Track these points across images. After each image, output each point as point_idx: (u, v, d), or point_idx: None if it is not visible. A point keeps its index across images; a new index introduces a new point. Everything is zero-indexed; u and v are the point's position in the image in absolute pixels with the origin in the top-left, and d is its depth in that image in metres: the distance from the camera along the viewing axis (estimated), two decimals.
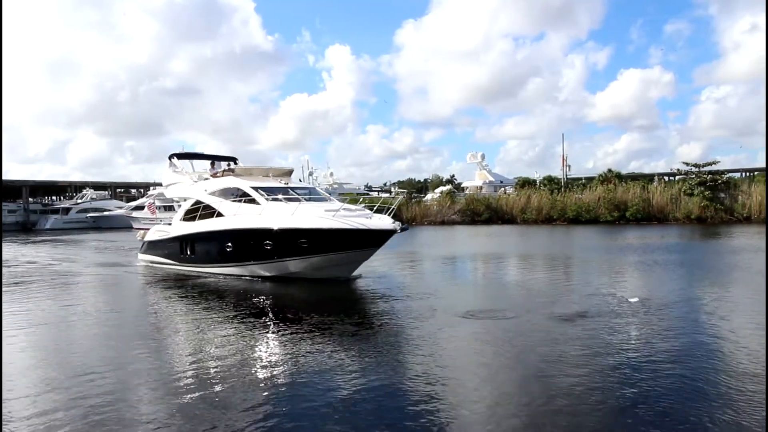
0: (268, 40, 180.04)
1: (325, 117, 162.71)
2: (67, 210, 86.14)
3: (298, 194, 20.81)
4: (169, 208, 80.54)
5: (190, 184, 23.62)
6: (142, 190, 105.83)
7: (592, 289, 16.42)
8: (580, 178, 70.39)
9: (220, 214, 20.80)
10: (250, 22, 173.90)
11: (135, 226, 78.05)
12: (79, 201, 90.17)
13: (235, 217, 19.82)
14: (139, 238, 26.86)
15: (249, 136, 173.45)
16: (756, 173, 64.39)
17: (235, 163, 25.78)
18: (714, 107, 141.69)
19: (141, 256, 25.99)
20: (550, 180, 69.16)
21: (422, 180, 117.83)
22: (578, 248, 32.66)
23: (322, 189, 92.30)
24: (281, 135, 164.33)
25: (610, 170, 66.45)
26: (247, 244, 19.27)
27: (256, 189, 20.34)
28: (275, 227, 18.18)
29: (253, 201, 19.86)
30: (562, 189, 65.90)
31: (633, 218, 57.32)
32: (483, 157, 75.86)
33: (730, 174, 61.95)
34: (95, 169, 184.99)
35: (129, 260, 28.65)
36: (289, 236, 18.03)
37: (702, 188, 56.60)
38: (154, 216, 35.53)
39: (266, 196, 19.92)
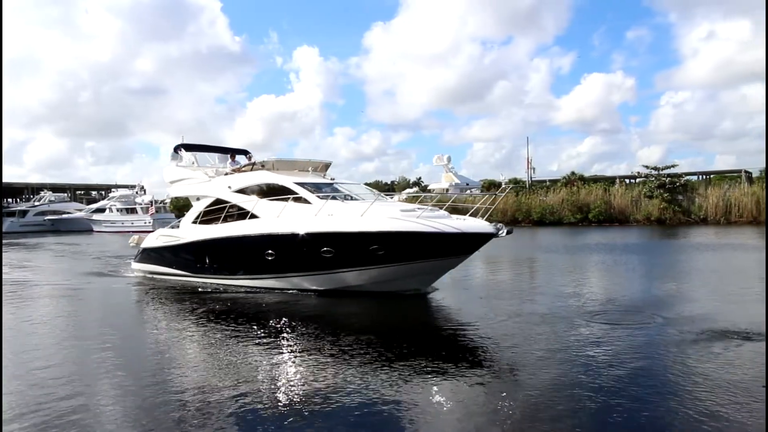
0: (235, 40, 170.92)
1: (292, 119, 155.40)
2: (24, 213, 78.20)
3: (350, 191, 16.10)
4: (132, 210, 73.50)
5: (204, 181, 18.28)
6: (103, 192, 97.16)
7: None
8: (545, 181, 67.63)
9: (253, 216, 15.72)
10: (217, 22, 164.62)
11: (96, 229, 70.75)
12: (36, 203, 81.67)
13: (279, 219, 14.82)
14: (132, 244, 21.22)
15: (215, 137, 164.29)
16: (712, 176, 63.12)
17: (248, 157, 20.62)
18: (673, 112, 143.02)
19: (136, 266, 20.40)
20: (515, 182, 66.11)
21: (389, 182, 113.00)
22: (569, 249, 28.91)
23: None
24: (248, 136, 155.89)
25: (573, 173, 64.10)
26: (297, 251, 14.42)
27: (302, 185, 15.36)
28: (345, 230, 13.49)
29: (300, 200, 14.86)
30: (527, 191, 62.88)
31: (595, 220, 55.66)
32: (449, 159, 72.16)
33: (688, 177, 60.30)
34: (54, 170, 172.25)
35: (114, 269, 22.89)
36: (361, 242, 13.39)
37: (661, 191, 54.95)
38: (152, 217, 29.05)
39: (318, 195, 15.00)
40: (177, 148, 19.70)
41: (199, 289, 16.54)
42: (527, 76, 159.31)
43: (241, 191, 16.58)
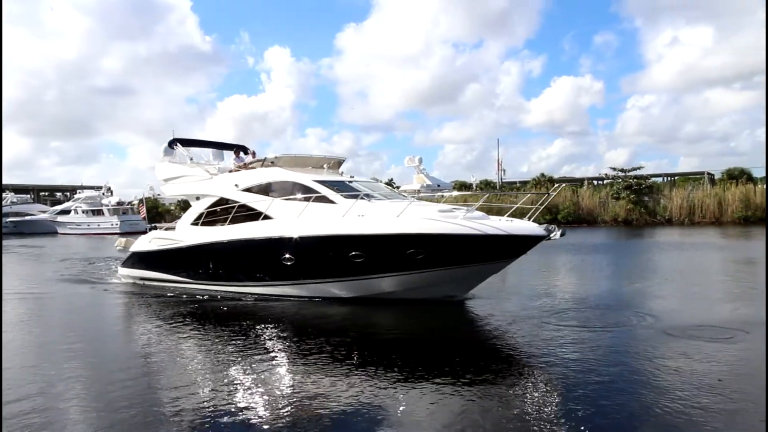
0: (205, 40, 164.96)
1: (264, 119, 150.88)
2: None
3: (373, 190, 14.42)
4: (98, 212, 69.58)
5: (205, 178, 16.21)
6: (68, 194, 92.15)
7: None
8: (515, 182, 66.86)
9: (267, 217, 13.77)
10: (187, 21, 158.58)
11: (60, 231, 66.76)
12: None
13: (299, 221, 12.93)
14: (119, 247, 18.90)
15: (185, 138, 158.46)
16: (676, 178, 63.52)
17: (246, 153, 18.62)
18: (639, 115, 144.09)
19: (124, 271, 18.13)
20: (486, 184, 65.15)
21: None
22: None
23: None
24: (219, 137, 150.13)
25: (543, 174, 63.44)
26: (322, 256, 12.62)
27: (323, 184, 13.56)
28: (381, 232, 11.79)
29: (323, 199, 13.04)
30: (498, 192, 62.03)
31: (564, 221, 54.85)
32: (420, 160, 70.41)
33: (653, 178, 60.47)
34: (18, 170, 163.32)
35: (98, 274, 20.50)
36: (399, 245, 11.72)
37: (628, 192, 54.86)
38: (143, 217, 26.45)
39: (341, 194, 13.25)
40: (171, 144, 17.52)
41: (203, 297, 14.54)
42: (498, 78, 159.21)
43: (250, 190, 14.64)
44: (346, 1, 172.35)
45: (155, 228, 18.34)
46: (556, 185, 16.75)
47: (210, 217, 15.48)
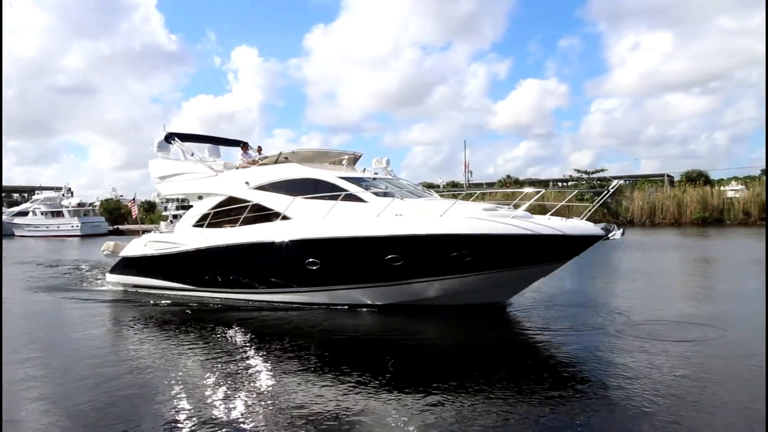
0: (171, 39, 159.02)
1: (231, 120, 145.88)
2: None
3: (400, 188, 13.20)
4: (57, 214, 65.59)
5: (208, 176, 14.52)
6: (26, 195, 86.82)
7: None
8: (482, 184, 66.39)
9: (285, 218, 12.24)
10: (152, 19, 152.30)
11: (17, 233, 62.62)
12: None
13: (325, 221, 11.48)
14: (106, 251, 16.92)
15: (150, 138, 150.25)
16: (638, 179, 64.29)
17: (245, 149, 17.03)
18: (603, 118, 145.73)
19: (114, 278, 16.22)
20: (453, 185, 64.46)
21: None
22: None
23: None
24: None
25: (509, 176, 63.24)
26: (354, 259, 11.29)
27: (350, 181, 12.20)
28: (425, 233, 10.50)
29: (352, 198, 11.65)
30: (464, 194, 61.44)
31: None
32: (388, 162, 68.70)
33: (616, 180, 60.90)
34: None
35: (79, 280, 18.41)
36: (444, 247, 10.49)
37: (591, 193, 55.16)
38: (135, 217, 24.28)
39: (371, 192, 11.91)
40: (168, 138, 15.69)
41: (211, 306, 12.97)
42: (465, 81, 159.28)
43: (264, 188, 13.07)
44: (314, 2, 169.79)
45: (145, 232, 16.51)
46: (616, 182, 15.77)
47: (215, 219, 13.84)
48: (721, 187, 53.57)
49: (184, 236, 14.27)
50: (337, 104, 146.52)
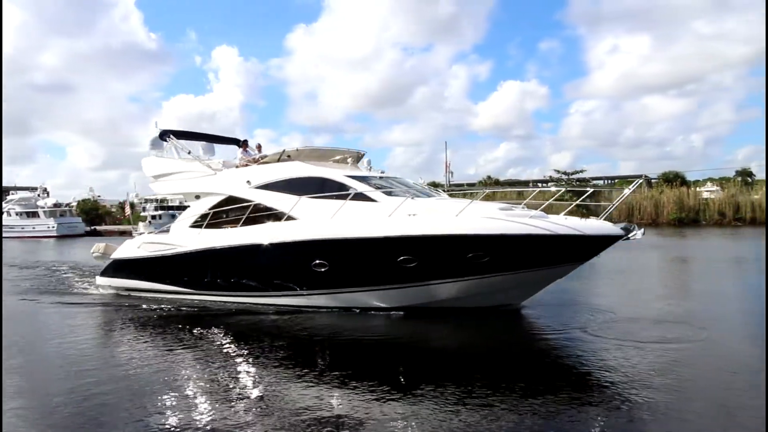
0: (151, 37, 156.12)
1: (211, 119, 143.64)
2: None
3: (409, 188, 12.80)
4: (33, 215, 63.59)
5: (206, 175, 13.91)
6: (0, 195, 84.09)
7: None
8: (462, 184, 66.33)
9: (290, 218, 11.71)
10: (131, 18, 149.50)
11: None
12: None
13: (333, 220, 11.02)
14: (96, 253, 16.12)
15: (128, 138, 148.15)
16: (616, 180, 64.97)
17: (239, 146, 16.47)
18: (582, 120, 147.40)
19: (105, 281, 15.48)
20: (434, 185, 64.18)
21: None
22: None
23: None
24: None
25: (489, 177, 63.35)
26: (366, 260, 10.85)
27: (358, 180, 11.74)
28: (443, 233, 10.11)
29: (361, 197, 11.20)
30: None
31: None
32: (369, 162, 68.91)
33: (595, 181, 61.53)
34: None
35: (63, 284, 17.57)
36: (460, 247, 10.13)
37: (571, 194, 55.41)
38: (127, 216, 23.33)
39: (380, 191, 11.46)
40: (163, 135, 14.99)
41: (210, 310, 12.39)
42: (447, 82, 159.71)
43: (267, 187, 12.52)
44: (296, 2, 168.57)
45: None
46: (637, 179, 15.47)
47: (213, 219, 13.24)
48: (697, 188, 54.49)
49: (182, 237, 13.62)
50: (317, 104, 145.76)
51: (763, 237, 38.19)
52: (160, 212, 78.59)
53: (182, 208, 78.57)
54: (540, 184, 67.88)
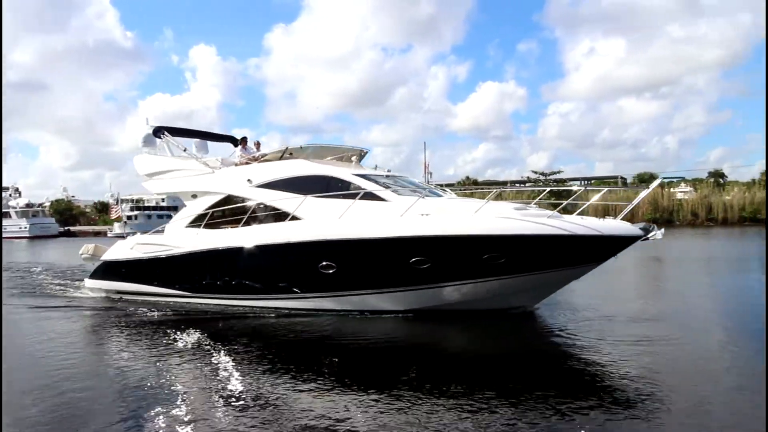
0: (127, 36, 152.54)
1: (189, 119, 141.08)
2: None
3: (417, 187, 12.46)
4: (4, 215, 61.39)
5: (203, 173, 13.33)
6: None
7: None
8: (441, 185, 66.27)
9: (295, 218, 11.24)
10: (107, 16, 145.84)
11: None
12: None
13: (342, 220, 10.57)
14: (85, 255, 15.36)
15: (103, 137, 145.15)
16: (593, 181, 65.61)
17: (234, 144, 15.97)
18: (559, 121, 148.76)
19: (94, 284, 14.75)
20: None
21: None
22: None
23: None
24: (140, 137, 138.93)
25: (468, 177, 63.45)
26: (376, 262, 10.44)
27: (365, 178, 11.33)
28: (460, 233, 9.74)
29: (370, 196, 10.80)
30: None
31: None
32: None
33: (572, 181, 62.07)
34: None
35: (45, 287, 16.71)
36: (477, 248, 9.77)
37: (548, 194, 55.86)
38: (119, 217, 22.25)
39: (390, 190, 11.07)
40: (157, 132, 14.32)
41: (210, 314, 11.86)
42: (426, 83, 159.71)
43: (270, 186, 12.01)
44: (275, 1, 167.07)
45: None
46: (657, 179, 15.26)
47: (211, 219, 12.68)
48: (671, 189, 55.36)
49: (178, 238, 13.01)
50: (296, 103, 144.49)
51: (731, 237, 39.09)
52: (135, 212, 76.92)
53: (159, 208, 77.28)
54: (518, 185, 68.37)
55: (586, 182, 64.92)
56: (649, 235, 9.70)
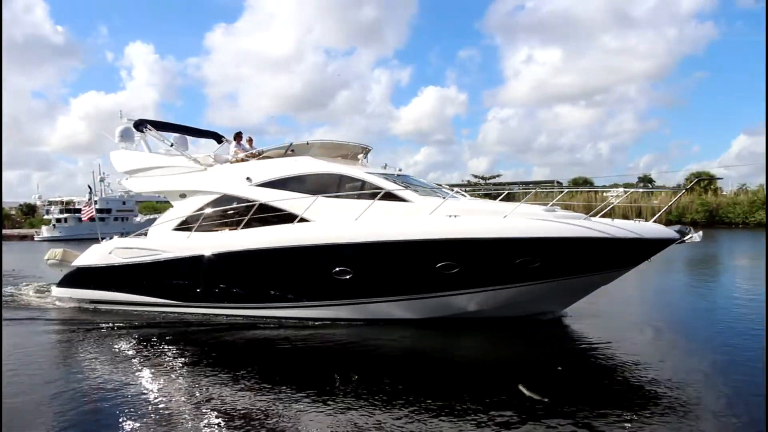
0: (57, 30, 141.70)
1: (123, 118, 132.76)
2: None
3: (433, 188, 11.86)
4: None
5: (194, 170, 12.09)
6: None
7: None
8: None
9: (303, 220, 10.28)
10: (35, 9, 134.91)
11: None
12: None
13: (359, 222, 9.74)
14: (51, 260, 13.62)
15: (32, 136, 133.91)
16: (530, 185, 67.10)
17: (218, 141, 14.72)
18: (499, 126, 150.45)
19: (64, 292, 13.11)
20: None
21: None
22: None
23: (116, 197, 72.02)
24: (72, 136, 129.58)
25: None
26: (399, 267, 9.64)
27: (383, 177, 10.57)
28: (492, 236, 9.12)
29: (390, 197, 10.04)
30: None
31: None
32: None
33: (511, 185, 63.23)
34: None
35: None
36: (511, 252, 9.19)
37: (488, 199, 56.81)
38: (91, 217, 19.95)
39: (410, 190, 10.34)
40: (139, 125, 12.85)
41: (207, 325, 10.67)
42: (369, 86, 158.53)
43: (272, 185, 10.97)
44: (216, 1, 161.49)
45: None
46: (694, 180, 15.13)
47: (205, 221, 11.47)
48: (604, 194, 57.41)
49: (165, 242, 11.68)
50: (237, 105, 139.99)
51: None
52: (65, 215, 71.78)
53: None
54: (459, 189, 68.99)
55: (524, 186, 66.47)
56: (685, 238, 9.39)
